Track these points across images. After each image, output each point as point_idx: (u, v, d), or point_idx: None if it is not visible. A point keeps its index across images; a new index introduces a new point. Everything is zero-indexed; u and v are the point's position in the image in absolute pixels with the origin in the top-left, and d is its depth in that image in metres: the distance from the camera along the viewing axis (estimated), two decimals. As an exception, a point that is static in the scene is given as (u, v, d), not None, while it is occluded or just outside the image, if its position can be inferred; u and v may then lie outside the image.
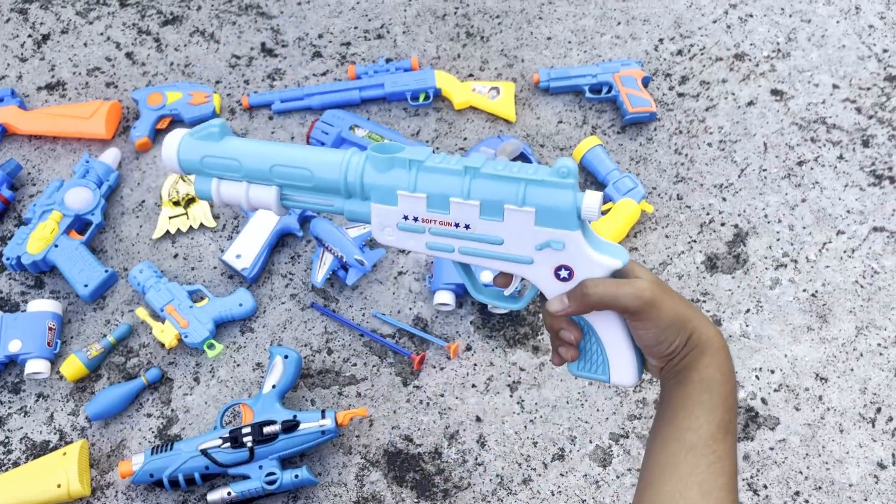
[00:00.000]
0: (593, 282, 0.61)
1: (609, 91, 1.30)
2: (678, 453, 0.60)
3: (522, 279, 0.65)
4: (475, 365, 1.10)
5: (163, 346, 1.11)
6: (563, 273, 0.62)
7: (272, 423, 0.99)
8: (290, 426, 0.99)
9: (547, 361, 1.10)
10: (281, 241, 1.20)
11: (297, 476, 0.98)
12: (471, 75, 1.35)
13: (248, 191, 0.66)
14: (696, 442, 0.60)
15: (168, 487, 0.99)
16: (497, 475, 1.03)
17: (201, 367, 1.10)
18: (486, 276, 1.08)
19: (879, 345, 1.11)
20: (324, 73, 1.36)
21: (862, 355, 1.10)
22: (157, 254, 1.19)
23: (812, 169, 1.26)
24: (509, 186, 0.60)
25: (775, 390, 1.08)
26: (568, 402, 1.07)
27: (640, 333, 0.62)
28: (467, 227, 0.62)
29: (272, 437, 0.98)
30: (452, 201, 0.61)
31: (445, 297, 1.11)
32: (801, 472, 1.03)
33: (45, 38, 1.41)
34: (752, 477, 1.03)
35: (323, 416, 1.00)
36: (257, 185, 0.66)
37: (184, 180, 1.23)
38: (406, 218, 0.63)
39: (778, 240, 1.19)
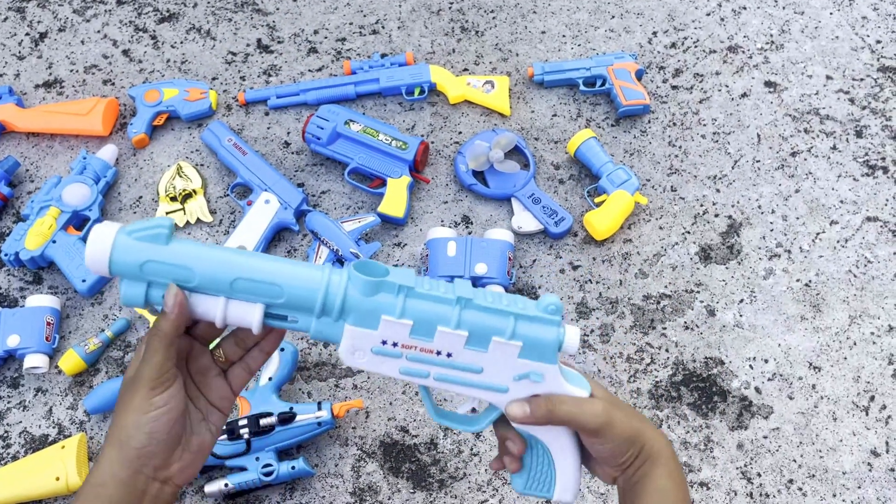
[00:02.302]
0: (558, 398, 0.63)
1: (603, 84, 1.30)
2: None
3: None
4: (470, 356, 1.11)
5: (160, 340, 1.12)
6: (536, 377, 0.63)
7: (269, 415, 1.00)
8: (287, 418, 1.00)
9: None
10: (277, 236, 1.20)
11: (293, 467, 0.99)
12: (465, 70, 1.36)
13: (227, 307, 0.59)
14: None
15: (166, 479, 0.99)
16: (492, 465, 1.04)
17: (199, 360, 1.11)
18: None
19: (872, 333, 1.12)
20: (319, 69, 1.37)
21: (855, 344, 1.11)
22: (154, 249, 1.20)
23: (805, 160, 1.26)
24: (500, 320, 0.61)
25: (769, 379, 1.09)
26: (563, 393, 1.08)
27: (596, 448, 0.65)
28: (449, 355, 0.61)
29: (269, 428, 0.99)
30: (440, 330, 0.60)
31: (440, 290, 1.12)
32: (794, 461, 1.04)
33: (43, 35, 1.42)
34: (745, 465, 1.03)
35: (319, 408, 1.01)
36: (239, 303, 0.59)
37: (180, 176, 1.24)
38: (384, 343, 0.60)
39: (771, 230, 1.20)
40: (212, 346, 0.65)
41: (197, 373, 0.64)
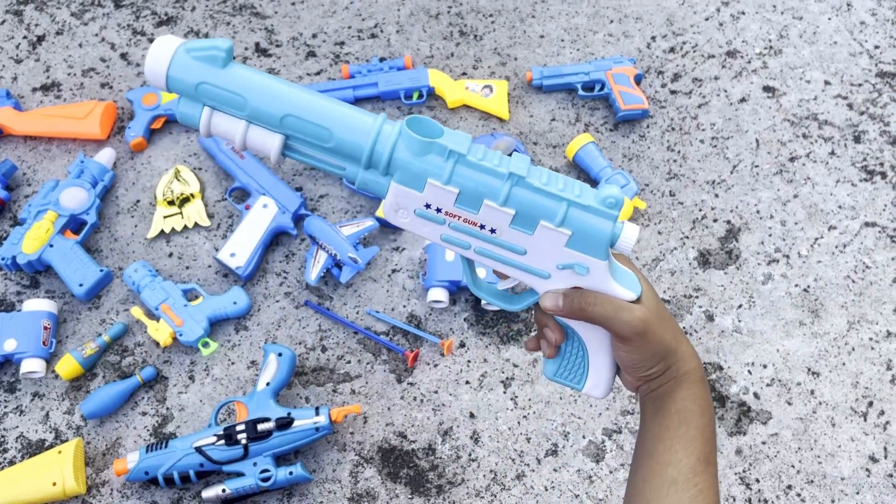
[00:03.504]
0: (594, 297, 0.60)
1: (602, 89, 1.30)
2: (661, 488, 0.61)
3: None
4: (469, 361, 1.11)
5: (158, 344, 1.12)
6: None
7: (266, 420, 1.00)
8: (285, 423, 0.99)
9: (540, 357, 1.10)
10: (275, 240, 1.20)
11: (291, 473, 0.99)
12: (464, 74, 1.36)
13: (248, 131, 0.57)
14: (676, 476, 0.61)
15: (163, 485, 0.99)
16: (491, 471, 1.04)
17: (196, 365, 1.11)
18: (482, 272, 1.09)
19: (871, 339, 1.12)
20: (318, 73, 1.36)
21: (854, 349, 1.11)
22: (151, 253, 1.20)
23: (804, 165, 1.26)
24: (552, 203, 0.58)
25: (767, 385, 1.09)
26: (561, 398, 1.08)
27: (621, 354, 0.63)
28: (493, 231, 0.59)
29: (266, 434, 0.99)
30: (486, 204, 0.57)
31: (439, 295, 1.12)
32: (793, 466, 1.03)
33: (40, 39, 1.41)
34: (744, 471, 1.03)
35: (317, 413, 1.00)
36: (259, 127, 0.57)
37: (178, 179, 1.24)
38: (428, 207, 0.58)
39: (770, 235, 1.20)
40: None
41: None
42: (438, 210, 0.58)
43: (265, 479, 0.98)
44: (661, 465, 0.62)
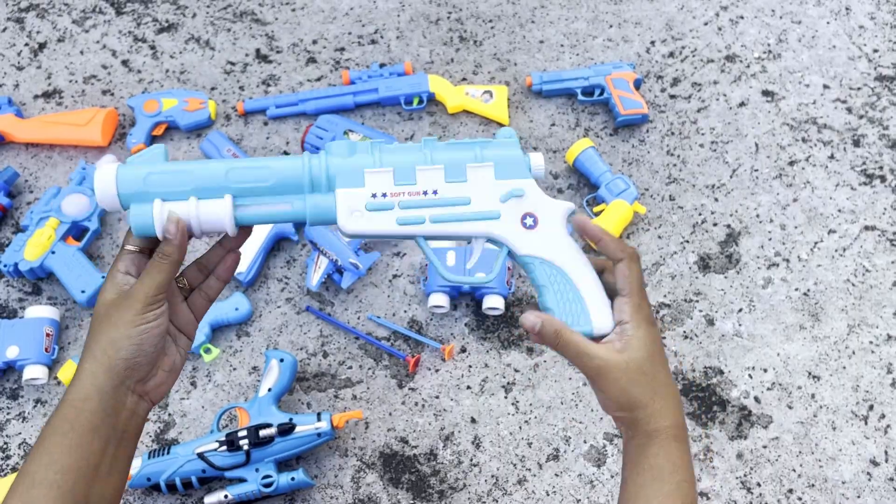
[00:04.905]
0: (569, 332, 0.65)
1: (601, 93, 1.31)
2: None
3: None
4: (470, 366, 1.11)
5: (160, 350, 1.12)
6: (529, 221, 0.67)
7: (268, 426, 1.00)
8: (286, 429, 0.99)
9: (541, 362, 1.11)
10: (276, 246, 1.20)
11: (293, 478, 0.99)
12: (464, 79, 1.36)
13: (199, 207, 0.63)
14: None
15: (165, 491, 0.99)
16: (492, 476, 1.04)
17: (198, 371, 1.11)
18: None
19: (871, 342, 1.12)
20: (318, 79, 1.37)
21: (854, 353, 1.11)
22: (153, 259, 1.20)
23: (803, 169, 1.27)
24: (466, 149, 0.67)
25: (768, 389, 1.09)
26: (562, 403, 1.08)
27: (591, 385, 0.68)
28: (435, 192, 0.66)
29: (268, 440, 0.99)
30: (419, 169, 0.66)
31: (440, 300, 1.12)
32: (794, 470, 1.04)
33: (42, 46, 1.42)
34: (745, 475, 1.03)
35: (319, 419, 1.01)
36: (208, 200, 0.64)
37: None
38: (374, 196, 0.65)
39: (770, 239, 1.20)
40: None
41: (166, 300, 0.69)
42: (384, 195, 0.65)
43: (267, 485, 0.98)
44: None
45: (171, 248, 0.64)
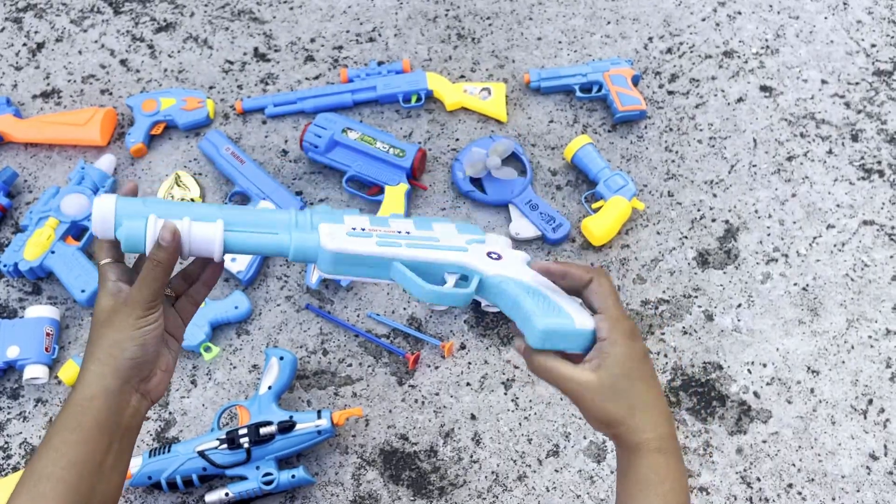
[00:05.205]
0: (544, 357, 0.68)
1: (599, 90, 1.31)
2: None
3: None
4: (469, 363, 1.11)
5: (160, 349, 1.12)
6: (494, 255, 0.73)
7: (269, 423, 1.00)
8: (287, 427, 1.00)
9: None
10: (276, 244, 1.20)
11: (293, 476, 0.99)
12: (462, 76, 1.36)
13: (191, 228, 0.67)
14: None
15: (166, 489, 1.00)
16: (492, 472, 1.04)
17: (198, 369, 1.11)
18: None
19: (870, 337, 1.12)
20: (316, 77, 1.37)
21: (853, 348, 1.11)
22: (153, 258, 1.20)
23: (801, 164, 1.27)
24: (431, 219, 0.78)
25: (767, 384, 1.09)
26: (562, 399, 1.08)
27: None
28: (408, 233, 0.73)
29: (269, 437, 0.99)
30: (391, 220, 0.74)
31: (439, 297, 1.12)
32: (793, 465, 1.04)
33: (40, 46, 1.42)
34: (745, 470, 1.03)
35: (319, 417, 1.01)
36: (202, 222, 0.68)
37: (178, 185, 1.24)
38: (354, 229, 0.71)
39: (768, 234, 1.20)
40: None
41: None
42: (363, 229, 0.71)
43: (268, 483, 0.98)
44: None
45: (165, 255, 0.67)
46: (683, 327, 1.13)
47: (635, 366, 0.67)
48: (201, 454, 0.99)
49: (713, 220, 1.22)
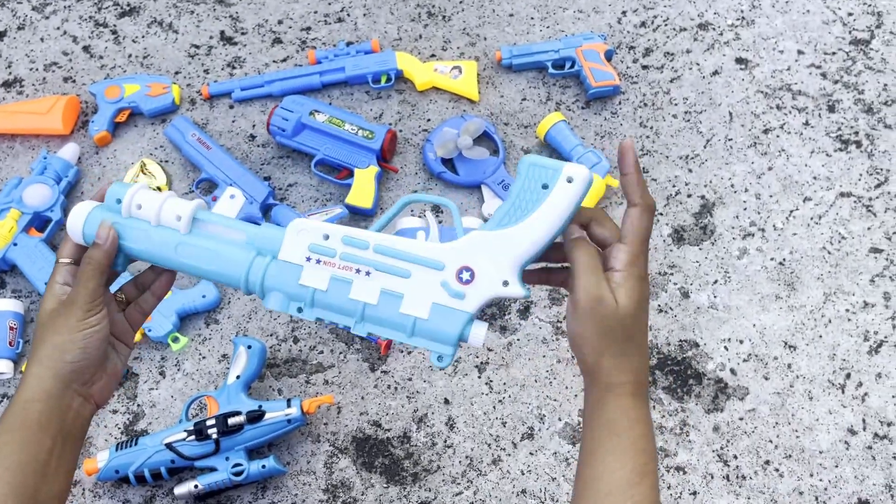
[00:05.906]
0: (587, 259, 0.63)
1: (572, 66, 1.28)
2: (597, 499, 0.62)
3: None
4: (442, 347, 1.09)
5: (127, 341, 1.10)
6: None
7: (237, 413, 0.98)
8: (256, 416, 0.98)
9: (514, 341, 1.09)
10: (244, 231, 1.18)
11: (264, 466, 0.98)
12: (433, 55, 1.34)
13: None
14: (611, 488, 0.62)
15: (134, 483, 0.98)
16: (466, 457, 1.03)
17: (166, 360, 1.09)
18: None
19: (847, 310, 1.11)
20: (284, 60, 1.34)
21: (830, 321, 1.10)
22: (119, 248, 1.18)
23: (778, 136, 1.25)
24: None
25: (744, 360, 1.08)
26: (536, 381, 1.07)
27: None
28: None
29: (237, 428, 0.98)
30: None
31: (410, 281, 1.10)
32: (770, 441, 1.03)
33: (2, 35, 1.39)
34: (721, 448, 1.02)
35: (289, 405, 0.99)
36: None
37: (144, 173, 1.22)
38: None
39: (745, 209, 1.19)
40: (114, 289, 0.75)
41: None
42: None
43: (237, 474, 0.97)
44: (596, 479, 0.63)
45: (99, 254, 0.67)
46: (659, 305, 1.12)
47: (642, 309, 0.63)
48: (169, 446, 0.97)
49: (689, 196, 1.20)
